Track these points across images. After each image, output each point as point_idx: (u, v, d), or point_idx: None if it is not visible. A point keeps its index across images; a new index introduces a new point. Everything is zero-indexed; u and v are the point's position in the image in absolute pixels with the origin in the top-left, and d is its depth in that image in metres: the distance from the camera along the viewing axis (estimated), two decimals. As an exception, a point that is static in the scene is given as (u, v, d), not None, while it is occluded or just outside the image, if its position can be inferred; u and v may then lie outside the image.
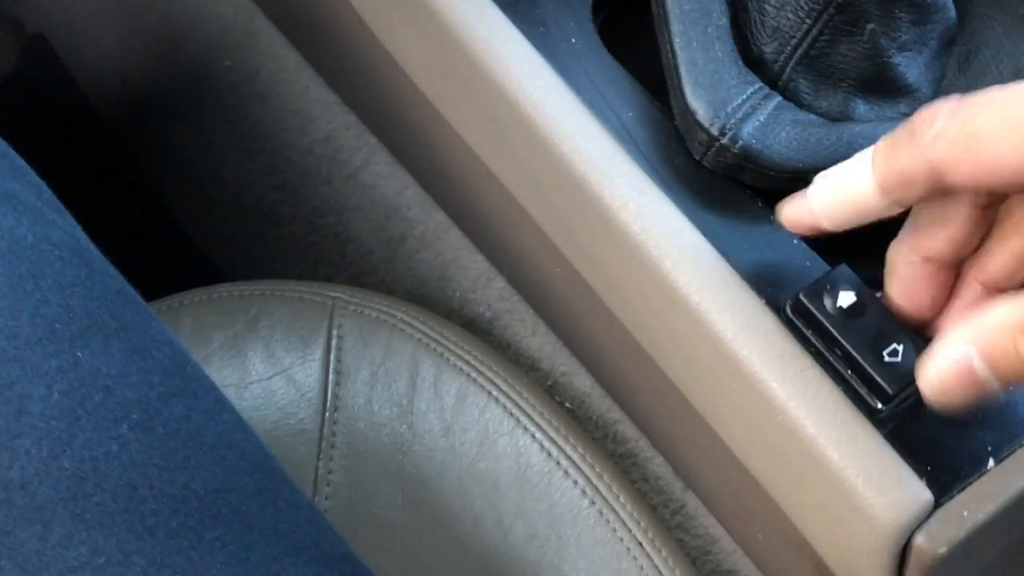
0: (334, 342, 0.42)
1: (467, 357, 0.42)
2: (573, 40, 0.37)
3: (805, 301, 0.31)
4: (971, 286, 0.31)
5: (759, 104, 0.35)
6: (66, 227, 0.33)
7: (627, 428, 0.43)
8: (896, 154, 0.28)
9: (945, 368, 0.28)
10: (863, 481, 0.30)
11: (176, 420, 0.31)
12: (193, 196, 0.61)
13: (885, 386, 0.30)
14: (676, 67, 0.35)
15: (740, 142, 0.34)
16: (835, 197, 0.30)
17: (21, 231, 0.31)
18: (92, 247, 0.34)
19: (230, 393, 0.41)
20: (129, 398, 0.30)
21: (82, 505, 0.28)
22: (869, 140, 0.34)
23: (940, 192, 0.28)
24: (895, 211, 0.30)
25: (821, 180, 0.31)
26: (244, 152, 0.56)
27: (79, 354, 0.30)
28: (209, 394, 0.33)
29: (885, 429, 0.31)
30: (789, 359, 0.32)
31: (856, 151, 0.34)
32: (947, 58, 0.39)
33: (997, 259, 0.30)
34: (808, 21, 0.35)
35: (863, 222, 0.30)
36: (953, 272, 0.31)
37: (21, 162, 0.34)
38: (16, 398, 0.29)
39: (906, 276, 0.31)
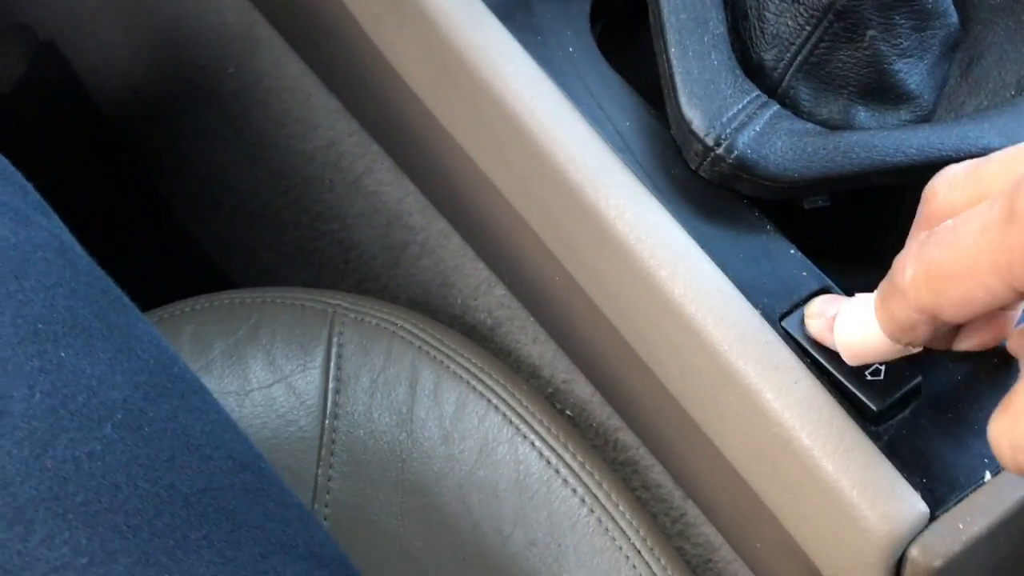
0: (334, 349, 0.43)
1: (467, 365, 0.43)
2: (570, 49, 0.37)
3: (785, 327, 0.31)
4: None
5: (755, 113, 0.34)
6: (51, 228, 0.33)
7: (627, 436, 0.43)
8: (888, 306, 0.28)
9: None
10: (858, 493, 0.30)
11: (162, 420, 0.31)
12: (199, 202, 0.62)
13: (869, 404, 0.30)
14: (672, 77, 0.35)
15: (735, 152, 0.34)
16: (857, 341, 0.29)
17: (3, 232, 0.31)
18: (78, 248, 0.34)
19: (231, 401, 0.41)
20: (113, 398, 0.30)
21: (65, 504, 0.28)
22: (866, 149, 0.34)
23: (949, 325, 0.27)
24: (920, 347, 0.29)
25: (844, 319, 0.30)
26: (248, 158, 0.56)
27: (62, 354, 0.30)
28: (197, 394, 0.33)
29: (881, 441, 0.31)
30: (784, 370, 0.32)
31: (853, 160, 0.34)
32: (949, 64, 0.38)
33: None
34: (808, 28, 0.35)
35: (890, 358, 0.30)
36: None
37: (5, 163, 0.34)
38: None
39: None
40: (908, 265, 0.27)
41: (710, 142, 0.34)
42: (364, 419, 0.42)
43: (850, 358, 0.30)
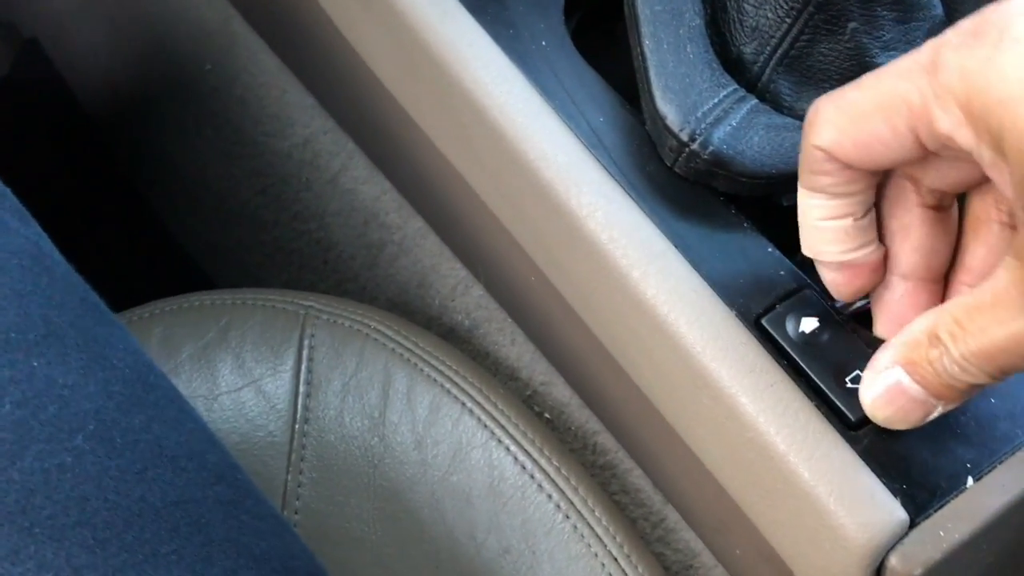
0: (305, 352, 0.42)
1: (441, 368, 0.42)
2: (544, 43, 0.36)
3: (767, 327, 0.31)
4: (961, 292, 0.30)
5: (731, 108, 0.33)
6: (27, 235, 0.32)
7: (606, 439, 0.42)
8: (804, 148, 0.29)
9: (879, 393, 0.28)
10: (835, 500, 0.29)
11: (135, 431, 0.30)
12: (180, 200, 0.61)
13: (847, 413, 0.29)
14: (646, 70, 0.34)
15: (711, 148, 0.33)
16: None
17: None
18: (56, 255, 0.33)
19: (199, 405, 0.40)
20: (86, 408, 0.29)
21: (31, 518, 0.28)
22: None
23: (848, 176, 0.28)
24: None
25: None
26: (227, 156, 0.56)
27: (34, 364, 0.29)
28: (173, 404, 0.32)
29: (859, 445, 0.30)
30: (759, 373, 0.31)
31: None
32: (934, 57, 0.37)
33: (975, 254, 0.29)
34: (788, 20, 0.34)
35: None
36: (938, 288, 0.30)
37: None
38: None
39: (889, 300, 0.30)
40: (821, 109, 0.28)
41: (685, 137, 0.33)
42: (335, 423, 0.41)
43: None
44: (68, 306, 0.31)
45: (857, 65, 0.35)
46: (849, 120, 0.27)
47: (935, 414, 0.28)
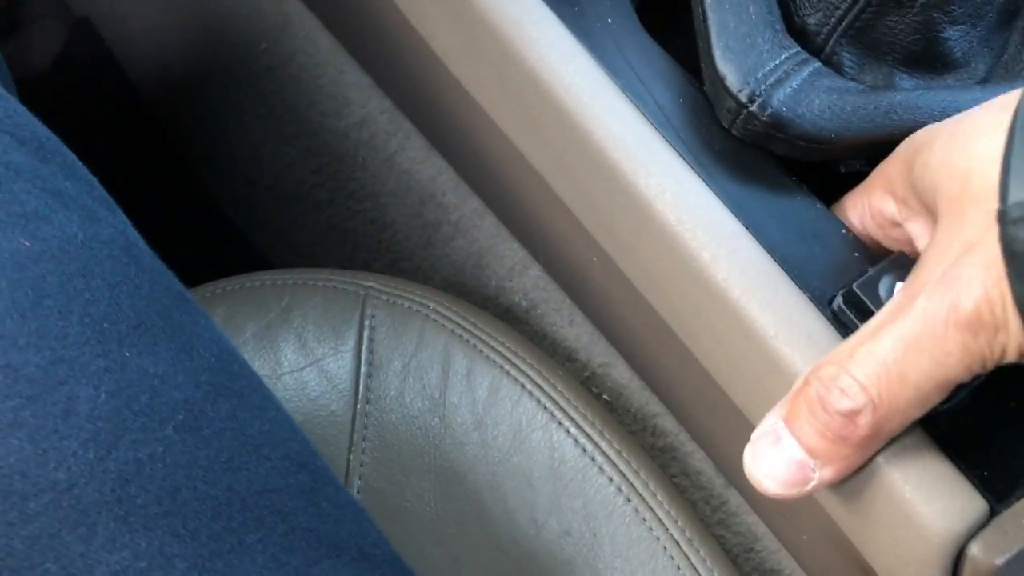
0: (366, 332, 0.42)
1: (500, 349, 0.41)
2: (609, 20, 0.35)
3: (859, 292, 0.30)
4: None
5: (793, 70, 0.33)
6: (116, 224, 0.33)
7: (667, 422, 0.42)
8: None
9: (758, 452, 0.28)
10: (912, 488, 0.29)
11: (221, 420, 0.30)
12: (234, 180, 0.61)
13: None
14: (707, 30, 0.33)
15: (770, 109, 0.32)
16: None
17: (72, 229, 0.31)
18: (142, 244, 0.33)
19: (262, 384, 0.41)
20: (175, 398, 0.30)
21: (126, 507, 0.28)
22: (909, 110, 0.32)
23: None
24: None
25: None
26: (281, 136, 0.56)
27: (126, 354, 0.30)
28: (256, 392, 0.32)
29: (937, 431, 0.29)
30: (834, 357, 0.30)
31: (895, 122, 0.32)
32: (1009, 32, 0.36)
33: None
34: (856, -9, 0.33)
35: None
36: None
37: (73, 158, 0.34)
38: (64, 398, 0.28)
39: None
40: None
41: (744, 99, 0.32)
42: (396, 404, 0.41)
43: None
44: (155, 296, 0.31)
45: (923, 39, 0.34)
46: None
47: (812, 483, 0.28)
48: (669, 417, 0.41)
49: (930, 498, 0.29)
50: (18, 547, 0.27)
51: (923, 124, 0.32)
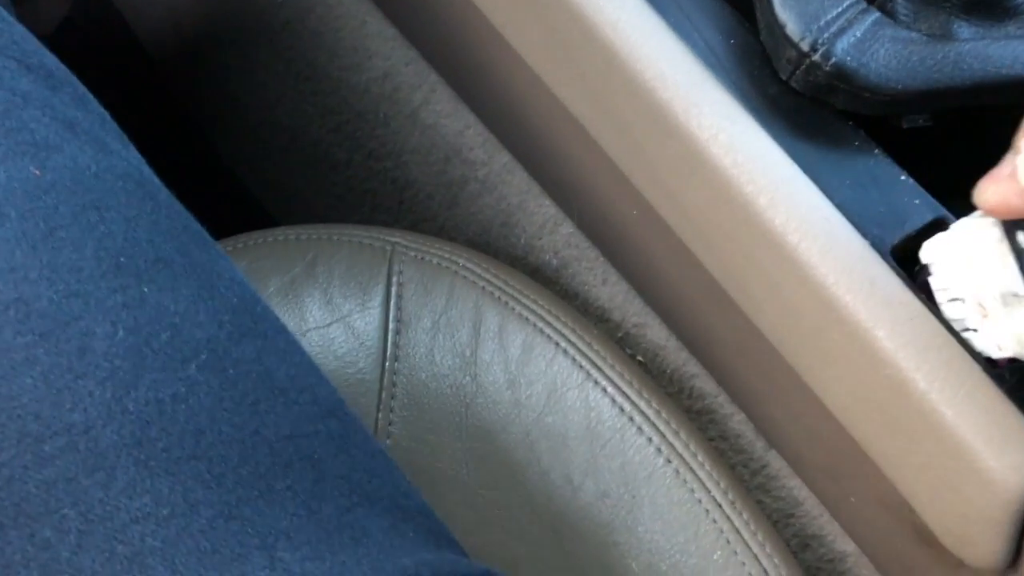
0: (394, 289, 0.40)
1: (533, 307, 0.40)
2: (655, -43, 0.34)
3: (905, 257, 0.28)
4: None
5: (856, 18, 0.31)
6: (131, 159, 0.31)
7: (705, 383, 0.40)
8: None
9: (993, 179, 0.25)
10: (981, 441, 0.27)
11: (247, 362, 0.29)
12: (247, 140, 0.59)
13: None
14: None
15: (833, 59, 0.30)
16: None
17: (84, 160, 0.29)
18: (157, 180, 0.32)
19: (286, 340, 0.39)
20: (197, 337, 0.28)
21: (147, 451, 0.26)
22: (979, 60, 0.31)
23: None
24: None
25: None
26: (298, 93, 0.54)
27: (145, 290, 0.28)
28: (280, 335, 0.31)
29: (1007, 383, 0.28)
30: (898, 305, 0.29)
31: (964, 73, 0.31)
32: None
33: None
34: (914, -65, 0.32)
35: None
36: None
37: (84, 89, 0.32)
38: (79, 335, 0.27)
39: None
40: None
41: (805, 47, 0.31)
42: (426, 362, 0.39)
43: None
44: (173, 232, 0.30)
45: (983, -15, 0.32)
46: None
47: None
48: (708, 379, 0.40)
49: (1000, 452, 0.27)
50: (33, 492, 0.26)
51: (994, 76, 0.30)
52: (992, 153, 0.34)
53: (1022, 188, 0.26)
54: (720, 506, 0.37)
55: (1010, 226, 0.27)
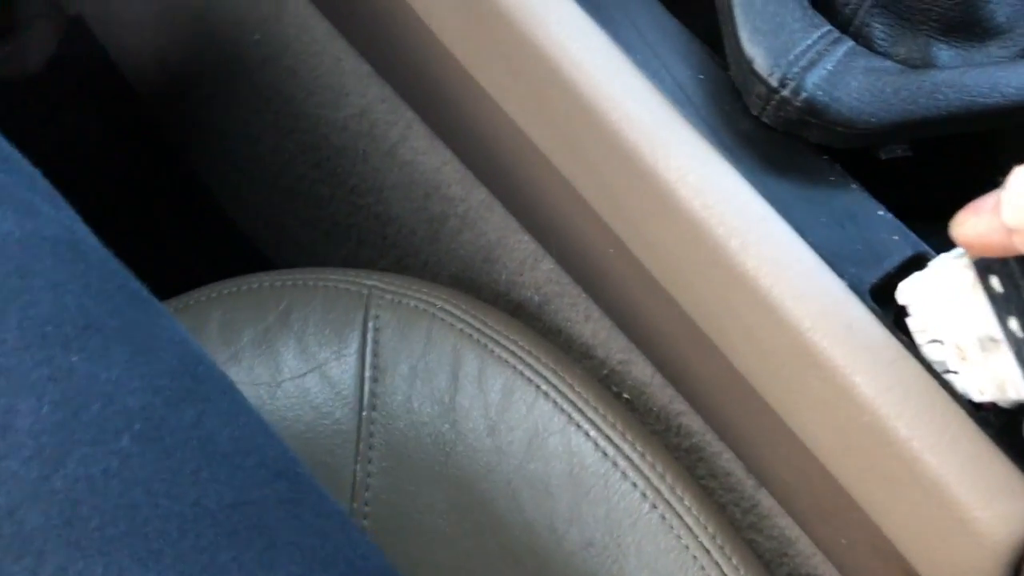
0: (370, 335, 0.39)
1: (513, 348, 0.39)
2: (621, -8, 0.33)
3: (884, 298, 0.27)
4: None
5: (826, 50, 0.30)
6: (61, 220, 0.30)
7: (692, 420, 0.39)
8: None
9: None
10: (966, 490, 0.26)
11: (185, 428, 0.28)
12: (232, 176, 0.59)
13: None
14: (731, 10, 0.30)
15: (804, 94, 0.29)
16: None
17: (7, 226, 0.28)
18: (92, 240, 0.31)
19: (262, 392, 0.39)
20: (131, 406, 0.27)
21: (78, 531, 0.26)
22: (955, 89, 0.30)
23: None
24: None
25: (1020, 180, 0.25)
26: (279, 130, 0.53)
27: (73, 359, 0.27)
28: (224, 396, 0.30)
29: (992, 428, 0.27)
30: (877, 349, 0.28)
31: (940, 103, 0.30)
32: (1054, -6, 0.34)
33: None
34: (888, -44, 0.31)
35: None
36: None
37: (10, 150, 0.31)
38: (1, 413, 0.26)
39: None
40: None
41: (775, 83, 0.30)
42: (403, 410, 0.39)
43: None
44: (107, 295, 0.29)
45: (962, 4, 0.31)
46: None
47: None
48: (695, 416, 0.39)
49: (988, 501, 0.26)
50: None
51: (970, 104, 0.29)
52: (974, 175, 0.33)
53: (1003, 224, 0.25)
54: (708, 552, 0.36)
55: (982, 269, 0.26)
